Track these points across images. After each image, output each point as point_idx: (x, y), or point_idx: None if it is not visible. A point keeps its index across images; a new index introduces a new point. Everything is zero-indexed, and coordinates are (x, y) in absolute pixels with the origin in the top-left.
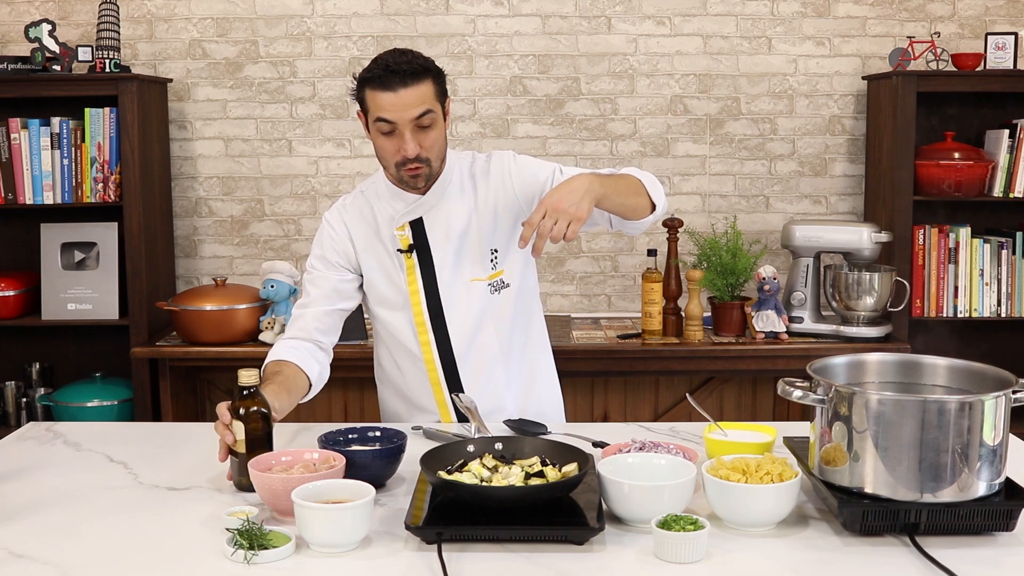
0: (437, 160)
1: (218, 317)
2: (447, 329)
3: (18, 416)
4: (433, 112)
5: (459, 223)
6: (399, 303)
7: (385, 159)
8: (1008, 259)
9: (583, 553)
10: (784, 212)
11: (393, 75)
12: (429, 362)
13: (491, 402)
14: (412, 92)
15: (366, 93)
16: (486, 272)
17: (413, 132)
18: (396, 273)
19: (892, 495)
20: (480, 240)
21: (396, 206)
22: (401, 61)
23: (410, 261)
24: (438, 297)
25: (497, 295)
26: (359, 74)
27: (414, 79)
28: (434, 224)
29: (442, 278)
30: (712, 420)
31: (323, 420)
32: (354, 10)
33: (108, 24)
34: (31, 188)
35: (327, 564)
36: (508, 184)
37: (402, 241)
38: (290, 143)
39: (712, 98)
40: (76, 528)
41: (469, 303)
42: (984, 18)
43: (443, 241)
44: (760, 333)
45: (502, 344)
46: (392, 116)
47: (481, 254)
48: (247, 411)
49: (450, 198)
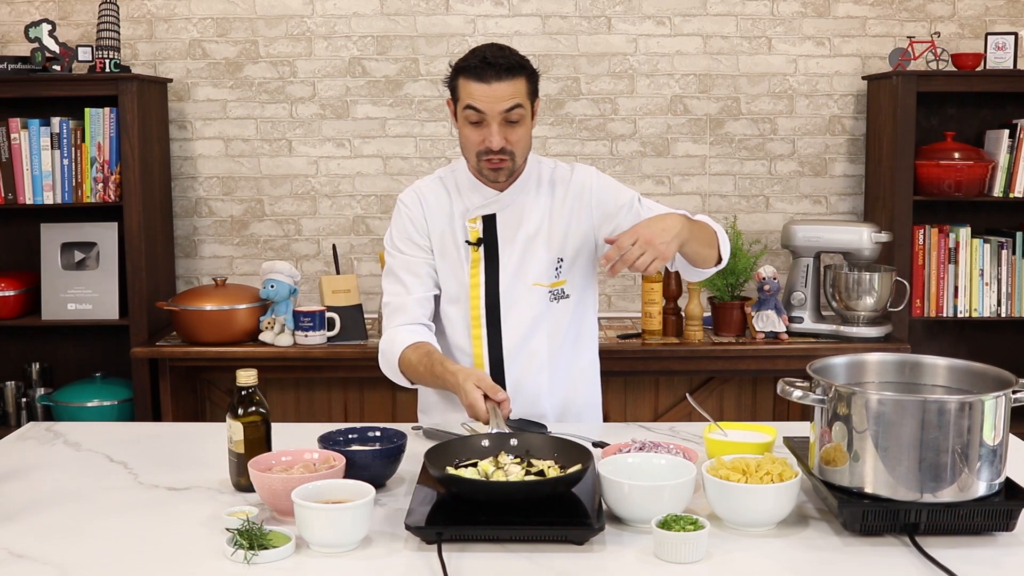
0: (521, 156)
1: (218, 317)
2: (501, 328)
3: (18, 416)
4: (522, 108)
5: (530, 226)
6: (457, 295)
7: (468, 148)
8: (1008, 259)
9: (583, 553)
10: (784, 212)
11: (489, 67)
12: (477, 357)
13: (529, 408)
14: (505, 86)
15: (459, 81)
16: (549, 279)
17: (500, 125)
18: (460, 264)
19: (892, 495)
20: (549, 246)
21: (473, 198)
22: (498, 55)
23: (476, 254)
24: (497, 295)
25: (556, 304)
26: (455, 62)
27: (509, 74)
28: (506, 222)
29: (504, 277)
30: (712, 420)
31: (323, 420)
32: (354, 10)
33: (108, 24)
34: (31, 188)
35: (327, 564)
36: (587, 199)
37: (472, 234)
38: (290, 143)
39: (712, 98)
40: (76, 528)
41: (527, 306)
42: (984, 18)
43: (512, 241)
44: (760, 333)
45: (552, 352)
46: (482, 106)
47: (548, 260)
48: (246, 411)
49: (526, 199)
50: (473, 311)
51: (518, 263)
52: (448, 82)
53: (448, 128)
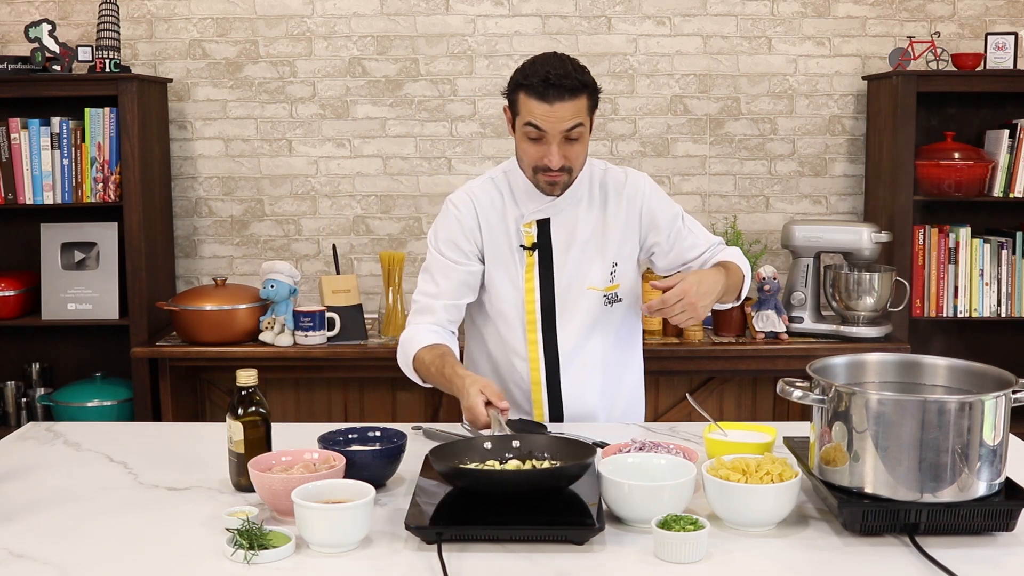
0: (577, 171)
1: (218, 317)
2: (556, 333)
3: (18, 416)
4: (583, 126)
5: (585, 230)
6: (513, 299)
7: (525, 162)
8: (1008, 259)
9: (583, 553)
10: (784, 212)
11: (551, 88)
12: (533, 361)
13: (583, 411)
14: (567, 106)
15: (519, 96)
16: (604, 283)
17: (560, 144)
18: (515, 268)
19: (892, 495)
20: (603, 251)
21: (528, 204)
22: (561, 74)
23: (531, 259)
24: (552, 299)
25: (610, 307)
26: (515, 75)
27: (571, 95)
28: (561, 227)
29: (560, 281)
30: (712, 420)
31: (323, 420)
32: (354, 10)
33: (108, 24)
34: (31, 188)
35: (327, 564)
36: (639, 206)
37: (527, 239)
38: (290, 143)
39: (712, 98)
40: (76, 528)
41: (583, 311)
42: (984, 18)
43: (566, 245)
44: (760, 333)
45: (605, 355)
46: (544, 125)
47: (603, 264)
48: (245, 411)
49: (580, 204)
50: (529, 315)
51: (574, 268)
52: (508, 93)
53: (448, 128)
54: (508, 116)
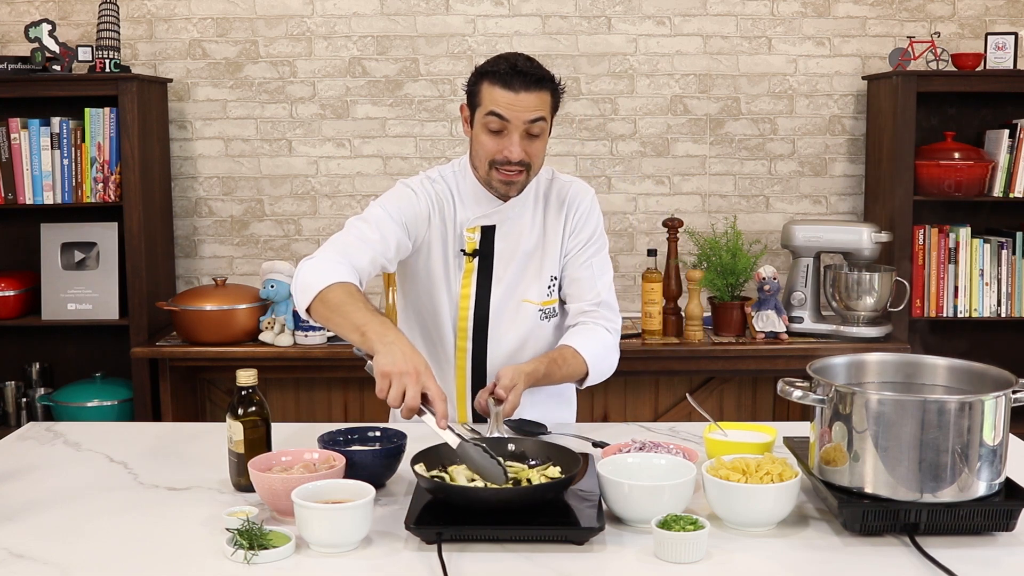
0: (535, 171)
1: (218, 317)
2: (487, 343)
3: (18, 416)
4: (544, 122)
5: (528, 242)
6: (446, 302)
7: (481, 157)
8: (1008, 259)
9: (583, 553)
10: (784, 212)
11: (518, 75)
12: (460, 369)
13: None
14: (532, 97)
15: (483, 86)
16: (541, 297)
17: (522, 136)
18: (453, 271)
19: (892, 495)
20: (543, 264)
21: (475, 208)
22: (527, 66)
23: (470, 265)
24: (487, 309)
25: (545, 321)
26: (480, 66)
27: (537, 85)
28: (505, 236)
29: (496, 292)
30: (712, 420)
31: (323, 420)
32: (354, 10)
33: (108, 24)
34: (31, 188)
35: (327, 564)
36: (574, 215)
37: (468, 244)
38: (290, 143)
39: (712, 98)
40: (76, 528)
41: (516, 323)
42: (984, 18)
43: (508, 256)
44: (760, 333)
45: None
46: (507, 114)
47: (541, 278)
48: (245, 411)
49: (525, 213)
50: (461, 322)
51: (513, 280)
52: (469, 86)
53: (448, 128)
54: (465, 114)
